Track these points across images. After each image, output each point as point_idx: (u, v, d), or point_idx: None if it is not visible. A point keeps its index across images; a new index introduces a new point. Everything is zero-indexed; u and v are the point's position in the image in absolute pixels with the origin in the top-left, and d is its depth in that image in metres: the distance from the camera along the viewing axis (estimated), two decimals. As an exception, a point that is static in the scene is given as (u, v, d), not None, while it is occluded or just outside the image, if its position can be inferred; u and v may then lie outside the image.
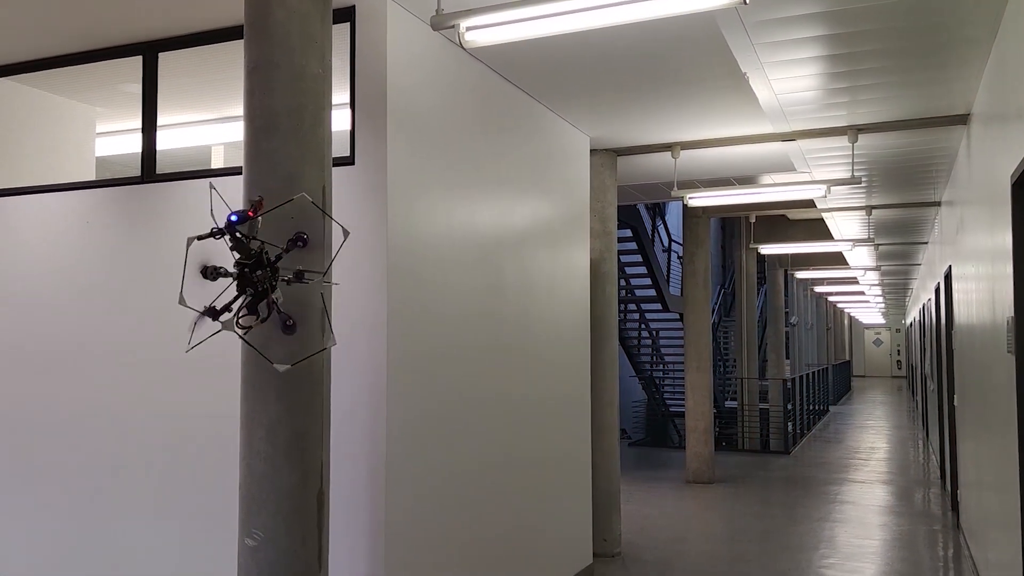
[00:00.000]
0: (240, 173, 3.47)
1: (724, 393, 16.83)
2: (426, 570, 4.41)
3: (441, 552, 4.57)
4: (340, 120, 3.76)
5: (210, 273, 2.96)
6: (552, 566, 6.05)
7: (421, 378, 4.40)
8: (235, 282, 2.95)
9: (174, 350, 4.55)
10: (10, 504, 4.94)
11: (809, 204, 10.24)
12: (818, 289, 24.73)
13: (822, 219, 11.79)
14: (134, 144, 4.91)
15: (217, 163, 6.36)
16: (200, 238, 2.93)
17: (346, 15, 4.15)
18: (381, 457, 4.05)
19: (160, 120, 4.76)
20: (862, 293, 24.74)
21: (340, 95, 3.88)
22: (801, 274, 19.05)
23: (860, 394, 30.45)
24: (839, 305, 34.00)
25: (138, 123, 4.75)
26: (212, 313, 2.97)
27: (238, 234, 2.92)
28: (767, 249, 12.54)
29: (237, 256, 2.95)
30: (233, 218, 2.92)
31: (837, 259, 16.30)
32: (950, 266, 8.73)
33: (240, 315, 2.97)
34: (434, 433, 4.53)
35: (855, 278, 19.70)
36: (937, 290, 10.73)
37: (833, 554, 7.42)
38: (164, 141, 4.85)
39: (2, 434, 4.99)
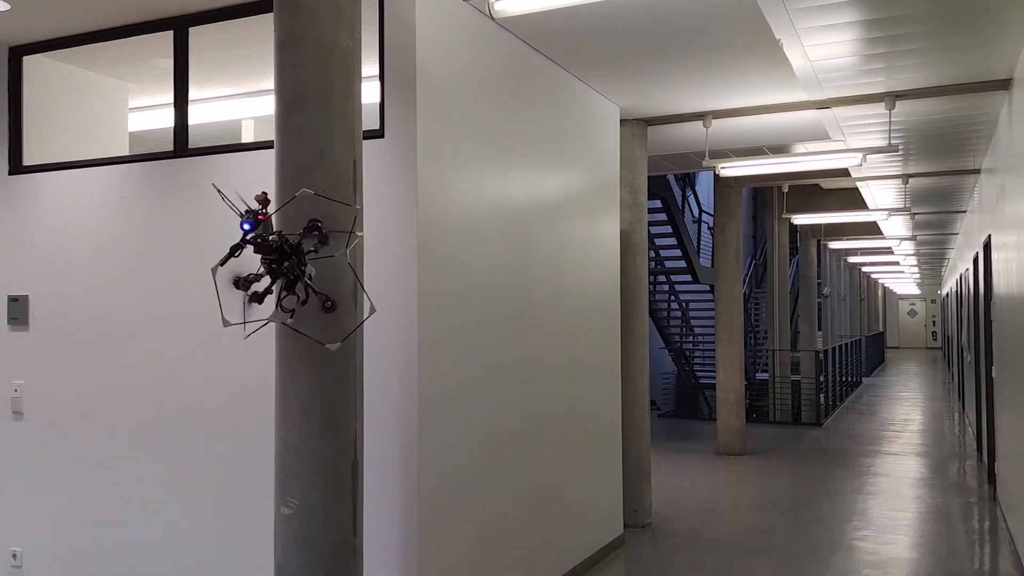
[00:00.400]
0: (271, 147, 3.48)
1: (755, 365, 16.75)
2: (458, 539, 4.45)
3: (473, 521, 4.61)
4: (369, 93, 3.74)
5: (242, 284, 3.02)
6: (583, 536, 6.08)
7: (452, 350, 4.41)
8: (268, 276, 3.01)
9: (208, 323, 4.60)
10: (45, 476, 5.04)
11: (843, 173, 10.08)
12: (851, 259, 24.42)
13: (856, 188, 11.61)
14: (166, 119, 4.94)
15: (247, 137, 6.38)
16: (222, 263, 2.98)
17: (375, -14, 4.13)
18: (413, 429, 4.08)
19: (191, 95, 4.78)
20: (897, 263, 24.40)
21: (369, 68, 3.86)
22: (834, 244, 18.80)
23: (894, 366, 30.17)
24: (873, 276, 33.59)
25: (170, 98, 4.77)
26: (257, 298, 3.02)
27: (256, 239, 2.97)
28: (800, 219, 12.38)
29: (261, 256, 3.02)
30: (246, 227, 2.97)
31: (871, 229, 16.08)
32: (989, 235, 8.58)
33: (282, 298, 3.01)
34: (466, 404, 4.55)
35: (890, 248, 19.41)
36: (975, 260, 10.56)
37: (866, 526, 7.39)
38: (195, 115, 4.87)
39: (38, 407, 5.08)
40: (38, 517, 5.07)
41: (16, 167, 5.19)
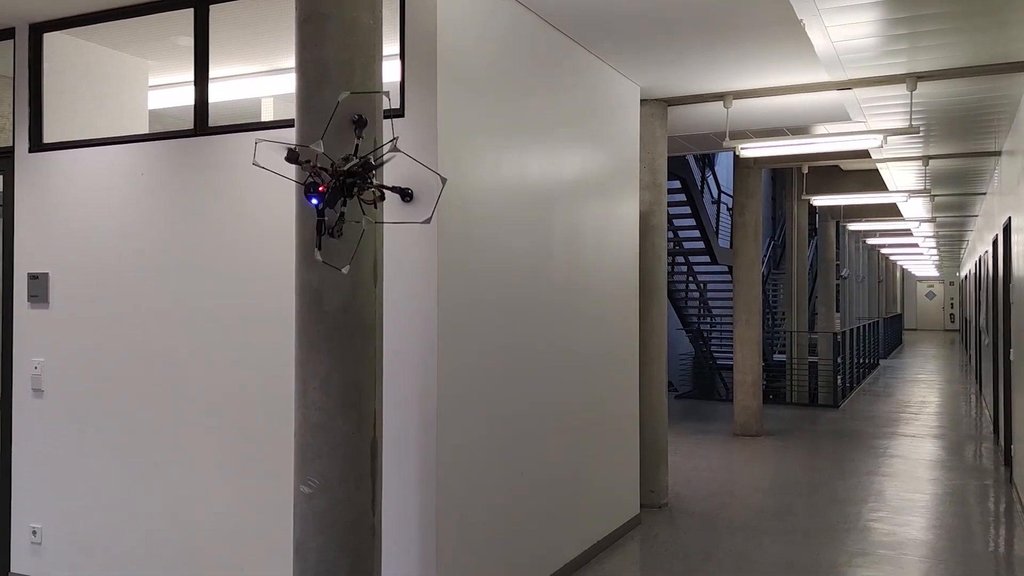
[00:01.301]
0: (291, 126, 3.49)
1: (772, 346, 16.71)
2: (476, 518, 4.49)
3: (491, 501, 4.64)
4: (390, 72, 3.74)
5: (336, 231, 3.10)
6: (599, 516, 6.11)
7: (471, 330, 4.43)
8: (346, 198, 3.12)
9: (228, 301, 4.64)
10: (65, 453, 5.10)
11: (863, 155, 10.01)
12: (870, 241, 24.25)
13: (876, 170, 11.52)
14: (186, 97, 4.95)
15: (267, 116, 6.39)
16: (319, 247, 3.09)
17: (395, -36, 4.11)
18: (432, 408, 4.10)
19: (211, 73, 4.79)
20: (916, 245, 24.23)
21: (390, 47, 3.86)
22: (853, 226, 18.68)
23: (911, 348, 30.02)
24: (892, 257, 33.36)
25: (190, 76, 4.78)
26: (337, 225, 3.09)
27: (325, 198, 3.05)
28: (819, 200, 12.29)
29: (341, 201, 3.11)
30: (315, 202, 3.05)
31: (891, 210, 15.96)
32: (1009, 217, 8.50)
33: (360, 196, 3.08)
34: (484, 384, 4.57)
35: (909, 230, 19.27)
36: (995, 242, 10.48)
37: (882, 507, 7.39)
38: (215, 93, 4.88)
39: (58, 384, 5.14)
40: (58, 494, 5.13)
41: (36, 145, 5.23)
